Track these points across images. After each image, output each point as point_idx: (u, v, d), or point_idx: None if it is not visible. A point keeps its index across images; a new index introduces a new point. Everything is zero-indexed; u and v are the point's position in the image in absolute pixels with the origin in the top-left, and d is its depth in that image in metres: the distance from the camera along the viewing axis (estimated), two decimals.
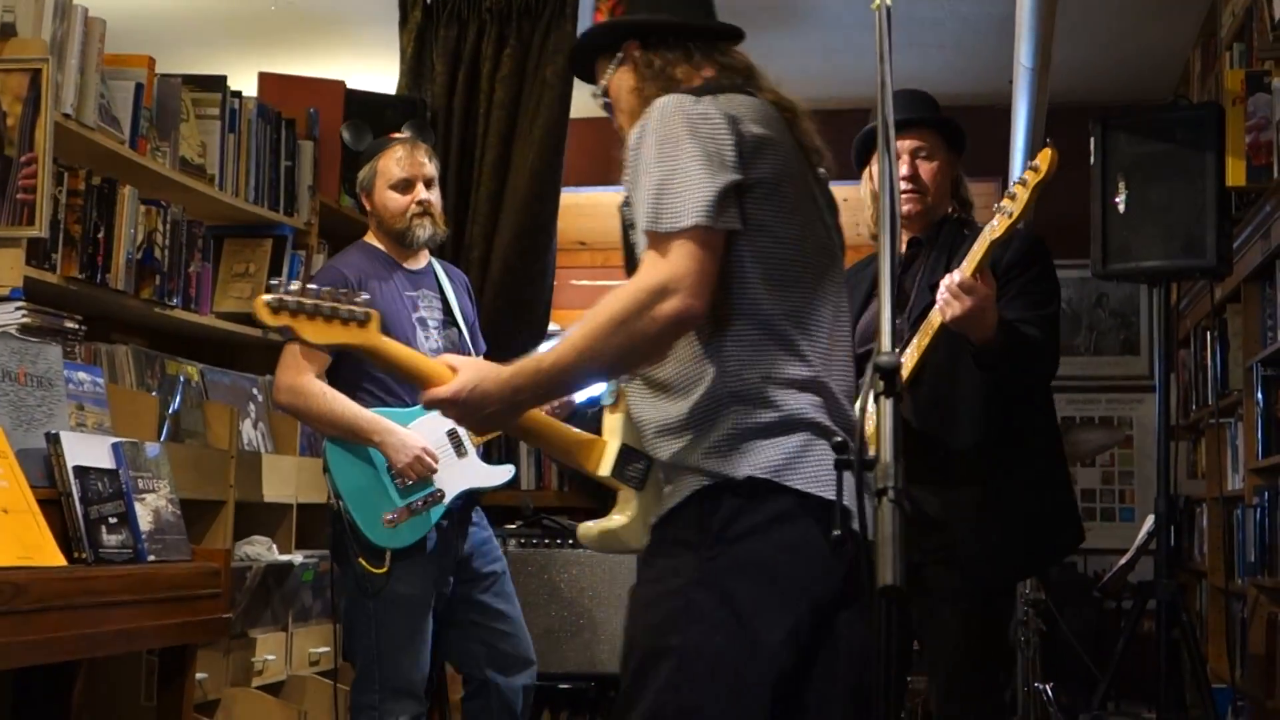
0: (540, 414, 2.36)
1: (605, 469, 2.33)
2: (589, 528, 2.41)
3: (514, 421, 2.31)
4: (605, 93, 2.48)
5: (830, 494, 2.15)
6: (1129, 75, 6.46)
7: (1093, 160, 4.48)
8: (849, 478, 2.08)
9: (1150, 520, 4.66)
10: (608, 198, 8.01)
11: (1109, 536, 6.68)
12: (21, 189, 3.45)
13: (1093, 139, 4.47)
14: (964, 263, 3.04)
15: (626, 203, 2.31)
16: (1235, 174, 4.29)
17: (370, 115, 5.15)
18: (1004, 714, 4.16)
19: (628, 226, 2.32)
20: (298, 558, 4.30)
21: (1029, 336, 3.14)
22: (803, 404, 2.22)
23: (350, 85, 5.29)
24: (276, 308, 2.11)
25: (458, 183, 5.51)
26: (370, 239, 4.01)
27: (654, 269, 2.15)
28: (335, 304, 2.14)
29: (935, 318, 3.07)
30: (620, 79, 2.45)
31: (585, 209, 8.02)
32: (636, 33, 2.44)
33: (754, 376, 2.20)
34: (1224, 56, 5.00)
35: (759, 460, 2.18)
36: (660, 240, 2.17)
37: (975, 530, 3.12)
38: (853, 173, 3.54)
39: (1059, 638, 5.30)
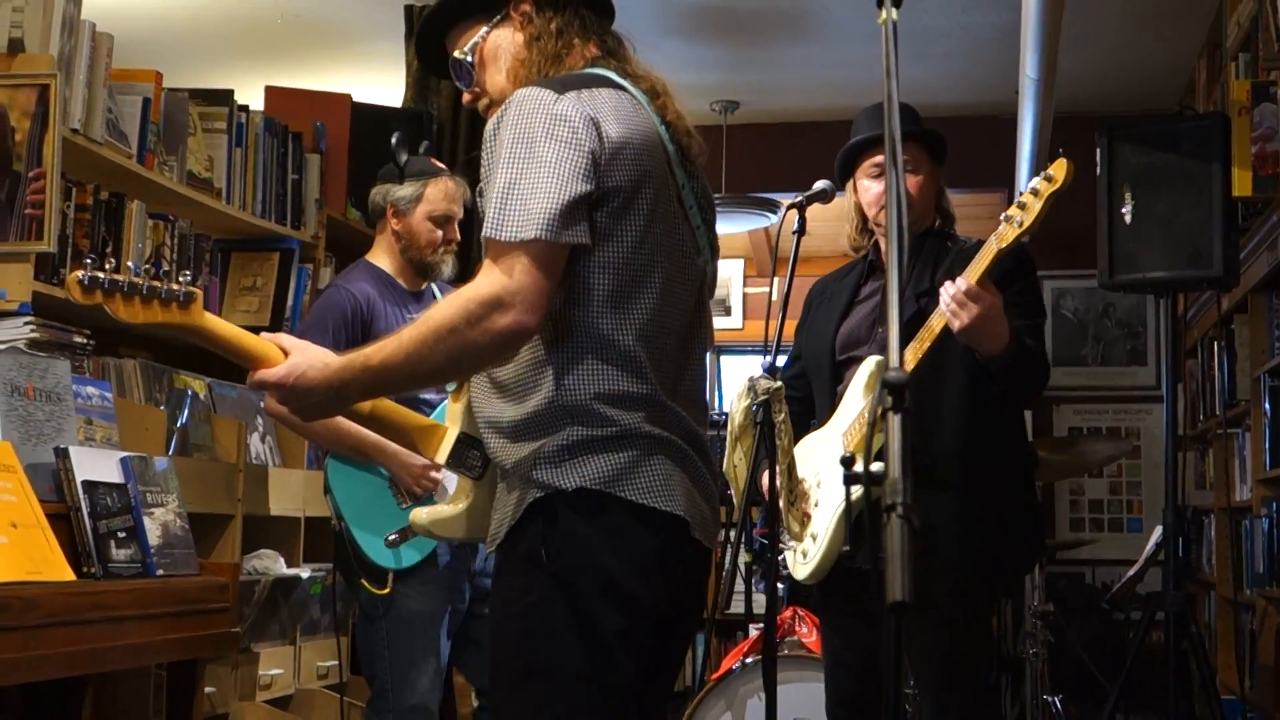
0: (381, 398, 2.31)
1: (443, 456, 2.31)
2: (420, 513, 2.38)
3: (339, 411, 2.26)
4: (473, 52, 2.35)
5: (667, 505, 2.16)
6: (1134, 85, 6.47)
7: (1098, 170, 4.47)
8: (690, 488, 2.19)
9: (1158, 531, 4.65)
10: None
11: (1117, 547, 6.68)
12: (30, 204, 3.46)
13: (1098, 149, 4.46)
14: (968, 269, 3.02)
15: (481, 193, 2.22)
16: (1241, 184, 4.28)
17: (376, 128, 5.17)
18: None
19: (482, 217, 2.21)
20: (305, 571, 4.30)
21: (1031, 348, 3.15)
22: (637, 419, 2.17)
23: (356, 99, 5.30)
24: (89, 286, 1.99)
25: None
26: (376, 259, 3.87)
27: (490, 280, 2.09)
28: (155, 283, 2.03)
29: (935, 322, 3.06)
30: (500, 36, 2.35)
31: None
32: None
33: (588, 392, 2.16)
34: (1229, 66, 5.00)
35: (589, 472, 2.14)
36: (500, 249, 2.10)
37: (955, 536, 3.11)
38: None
39: (1067, 650, 5.29)
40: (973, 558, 3.14)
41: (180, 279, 2.09)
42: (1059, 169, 2.94)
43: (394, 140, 3.87)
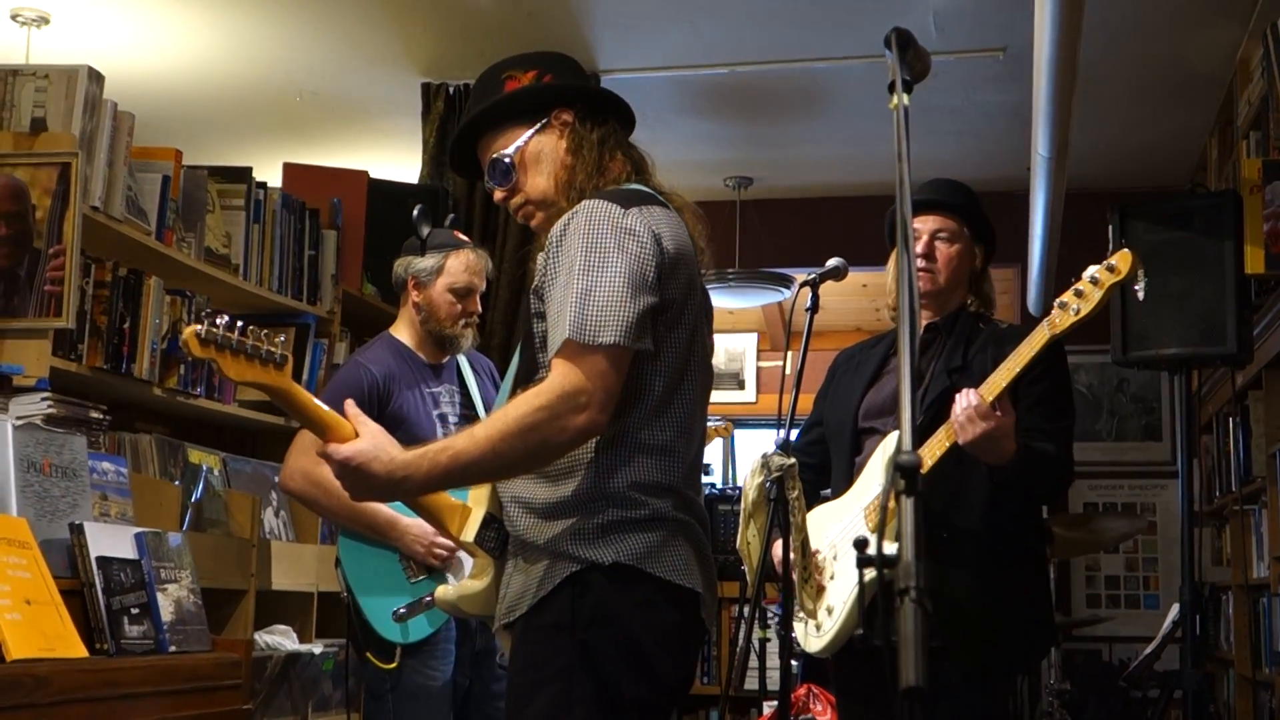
0: None
1: (469, 534, 2.39)
2: (447, 590, 2.51)
3: (390, 500, 2.39)
4: (515, 154, 2.47)
5: (690, 583, 2.32)
6: (1146, 162, 6.50)
7: (1111, 248, 4.49)
8: (703, 569, 2.36)
9: (1175, 609, 4.62)
10: None
11: (1134, 624, 6.63)
12: (50, 280, 3.49)
13: (1110, 227, 4.49)
14: (1005, 363, 2.98)
15: (537, 292, 2.36)
16: (1254, 262, 4.28)
17: (393, 205, 5.21)
18: None
19: (535, 315, 2.39)
20: (318, 647, 4.29)
21: (1044, 453, 3.10)
22: (667, 505, 2.33)
23: (373, 175, 5.35)
24: (205, 340, 2.13)
25: None
26: (397, 332, 3.89)
27: (569, 378, 2.21)
28: (257, 343, 2.18)
29: (946, 432, 3.06)
30: (543, 142, 2.48)
31: None
32: (571, 99, 2.51)
33: (628, 480, 2.31)
34: (1241, 144, 5.03)
35: (624, 549, 2.28)
36: (578, 350, 2.22)
37: (978, 614, 3.09)
38: (868, 259, 3.57)
39: None
40: (989, 640, 3.11)
41: (276, 342, 2.23)
42: (1123, 260, 2.90)
43: (415, 213, 3.90)
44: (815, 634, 3.23)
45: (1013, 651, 3.22)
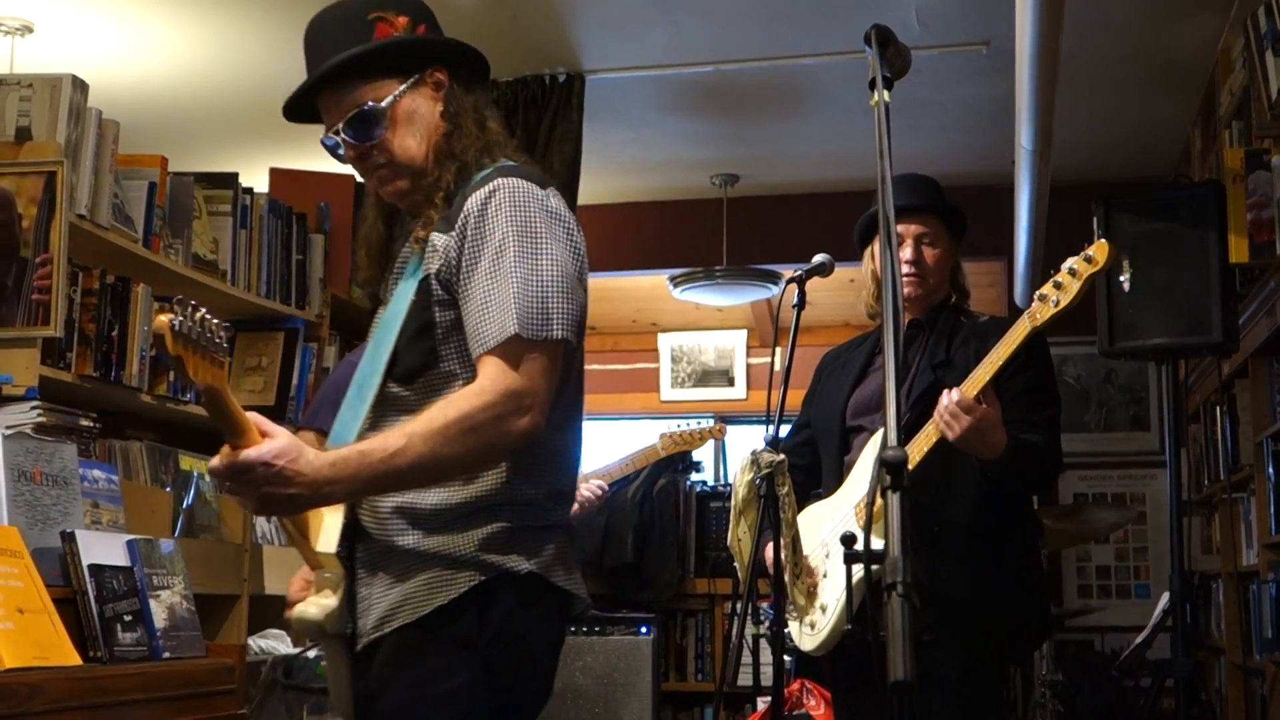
0: None
1: (330, 544, 2.17)
2: (308, 608, 2.22)
3: (301, 512, 2.09)
4: (390, 109, 2.25)
5: (580, 592, 2.24)
6: (1130, 154, 6.52)
7: (1095, 239, 4.51)
8: (572, 569, 2.23)
9: (1166, 597, 4.64)
10: (616, 283, 8.08)
11: (1125, 614, 6.65)
12: (37, 289, 3.49)
13: (1095, 218, 4.50)
14: (988, 357, 3.00)
15: (440, 277, 2.16)
16: (1238, 251, 4.31)
17: (381, 209, 5.19)
18: None
19: (436, 302, 2.16)
20: (313, 650, 4.29)
21: (1032, 444, 3.11)
22: (561, 513, 2.23)
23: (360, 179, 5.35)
24: (178, 335, 1.83)
25: None
26: None
27: (512, 376, 2.05)
28: (218, 338, 1.90)
29: (932, 429, 3.06)
30: (416, 102, 2.27)
31: (594, 294, 7.99)
32: (449, 58, 2.34)
33: (536, 486, 2.18)
34: (1223, 134, 5.05)
35: (536, 558, 2.16)
36: (522, 346, 2.06)
37: (969, 606, 3.10)
38: (855, 254, 3.58)
39: (1077, 719, 5.25)
40: (982, 632, 3.12)
41: (223, 333, 1.94)
42: (1100, 251, 2.91)
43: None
44: (810, 632, 3.25)
45: (1005, 643, 3.24)
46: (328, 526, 2.18)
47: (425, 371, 2.18)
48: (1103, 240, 2.94)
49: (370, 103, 2.25)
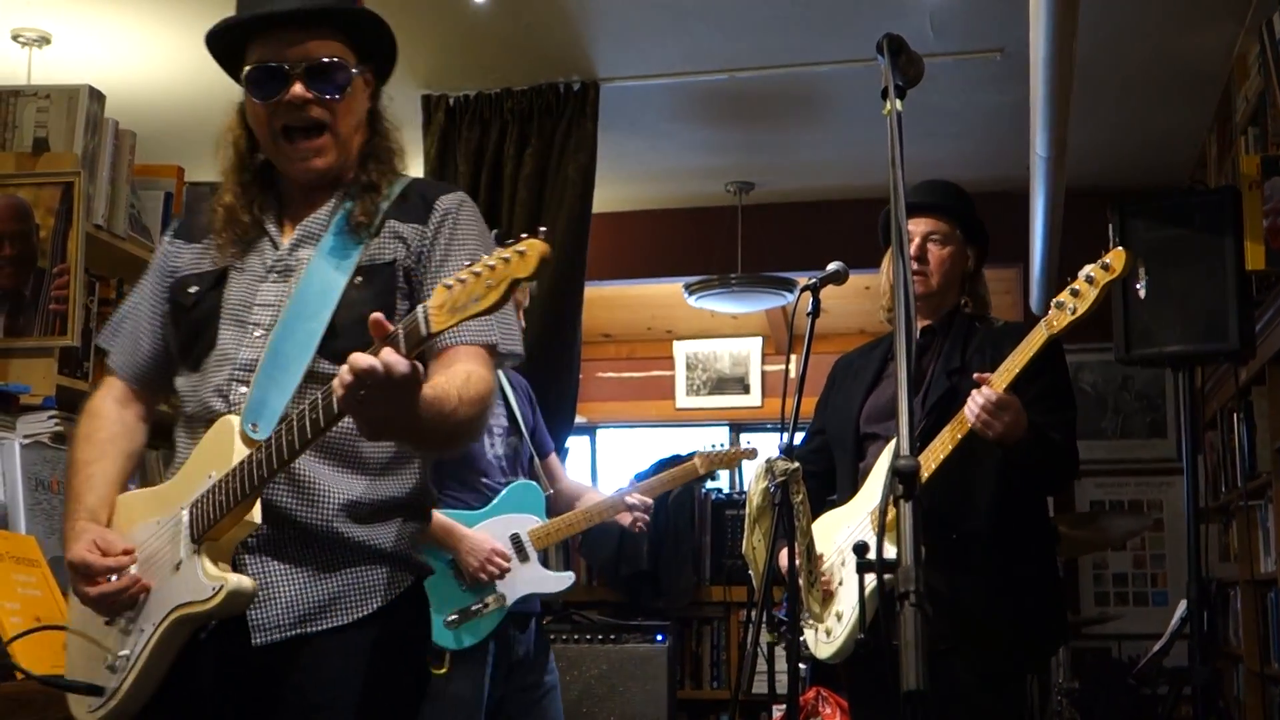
0: None
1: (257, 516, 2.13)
2: (244, 583, 2.10)
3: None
4: (352, 77, 2.25)
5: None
6: (1146, 160, 6.50)
7: (1111, 246, 4.50)
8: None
9: (1183, 605, 4.62)
10: (631, 290, 8.08)
11: (1142, 621, 6.63)
12: (54, 299, 3.51)
13: (1111, 225, 4.49)
14: (1006, 363, 3.00)
15: (405, 268, 2.21)
16: (1254, 258, 4.29)
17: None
18: None
19: (399, 291, 2.19)
20: None
21: (1054, 441, 3.14)
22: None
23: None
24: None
25: None
26: None
27: (491, 380, 2.16)
28: None
29: (954, 431, 3.06)
30: (358, 85, 2.29)
31: (609, 302, 8.08)
32: (386, 69, 2.38)
33: (438, 482, 2.36)
34: (1239, 141, 5.03)
35: (421, 554, 2.29)
36: (491, 354, 2.18)
37: (986, 616, 3.09)
38: (869, 261, 3.58)
39: None
40: (1000, 641, 3.11)
41: None
42: (1117, 258, 2.89)
43: None
44: (825, 640, 3.24)
45: (1022, 652, 3.22)
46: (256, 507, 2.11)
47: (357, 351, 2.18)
48: (1120, 248, 2.92)
49: (343, 59, 2.25)
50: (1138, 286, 4.36)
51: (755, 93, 5.82)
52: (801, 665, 4.31)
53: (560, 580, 4.00)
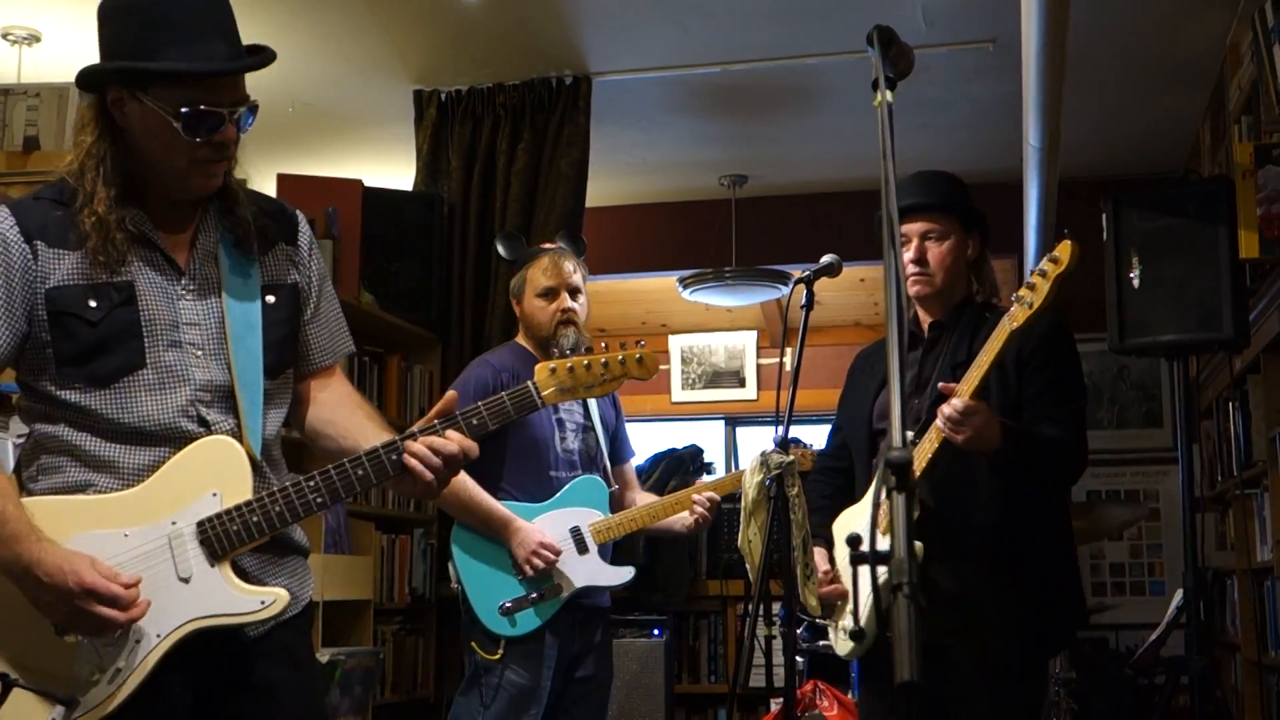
0: None
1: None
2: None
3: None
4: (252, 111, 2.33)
5: None
6: (1139, 150, 6.50)
7: (1105, 236, 4.50)
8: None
9: (1179, 594, 4.62)
10: (626, 285, 8.08)
11: (1139, 611, 6.63)
12: None
13: (1104, 214, 4.49)
14: (973, 366, 2.99)
15: (296, 291, 2.43)
16: (1248, 246, 4.28)
17: (388, 212, 5.21)
18: None
19: (289, 316, 2.40)
20: (325, 655, 4.30)
21: (1046, 437, 3.09)
22: None
23: (368, 184, 5.36)
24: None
25: (476, 277, 5.57)
26: (520, 340, 4.10)
27: None
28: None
29: (935, 435, 3.05)
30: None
31: (604, 297, 8.06)
32: None
33: None
34: (1233, 130, 5.03)
35: None
36: (344, 362, 2.61)
37: (993, 607, 3.08)
38: (863, 253, 3.57)
39: (1093, 718, 5.24)
40: (1010, 633, 3.08)
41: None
42: (1064, 251, 2.90)
43: (497, 240, 4.40)
44: (844, 637, 3.23)
45: (1033, 641, 3.18)
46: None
47: (283, 370, 2.39)
48: (1067, 240, 2.93)
49: (254, 99, 2.33)
50: (1132, 276, 4.37)
51: (748, 86, 5.81)
52: (799, 659, 4.31)
53: (619, 574, 4.02)
